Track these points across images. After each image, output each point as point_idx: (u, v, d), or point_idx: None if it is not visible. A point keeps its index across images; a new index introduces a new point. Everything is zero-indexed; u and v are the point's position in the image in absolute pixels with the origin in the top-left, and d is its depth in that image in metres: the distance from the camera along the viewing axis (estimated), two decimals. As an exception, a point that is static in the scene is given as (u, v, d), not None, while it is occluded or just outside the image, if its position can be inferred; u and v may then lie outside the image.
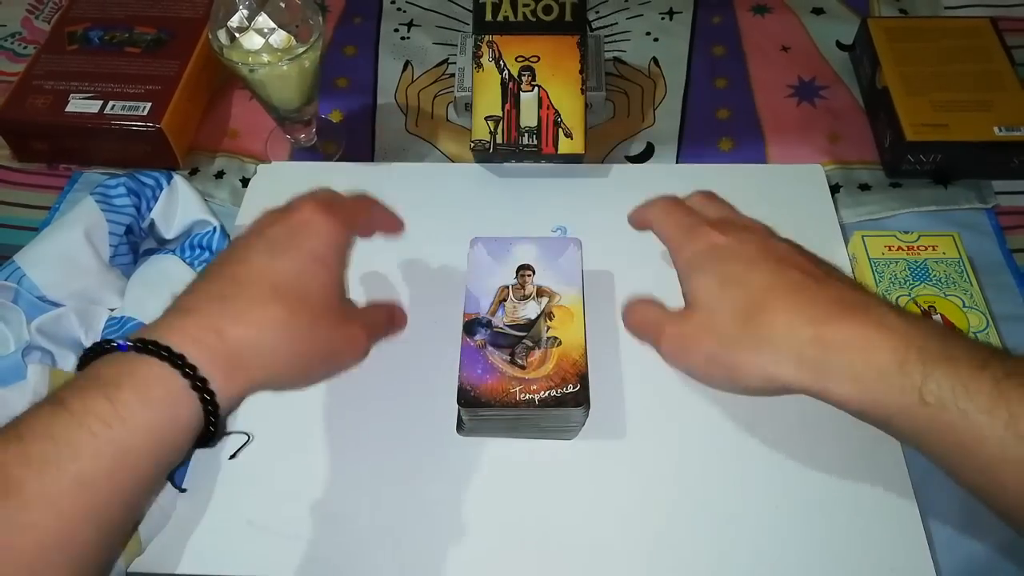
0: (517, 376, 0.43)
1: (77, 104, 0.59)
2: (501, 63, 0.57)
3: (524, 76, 0.57)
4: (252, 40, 0.50)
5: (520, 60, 0.57)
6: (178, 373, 0.31)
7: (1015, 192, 0.58)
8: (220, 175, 0.61)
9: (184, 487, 0.43)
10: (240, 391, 0.34)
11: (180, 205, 0.51)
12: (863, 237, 0.50)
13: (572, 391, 0.42)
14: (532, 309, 0.45)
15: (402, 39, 0.70)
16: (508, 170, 0.58)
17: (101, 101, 0.59)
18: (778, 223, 0.54)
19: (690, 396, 0.45)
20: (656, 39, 0.69)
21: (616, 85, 0.66)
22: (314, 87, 0.54)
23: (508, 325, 0.45)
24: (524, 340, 0.44)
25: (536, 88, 0.56)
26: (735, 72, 0.66)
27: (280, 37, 0.50)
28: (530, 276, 0.47)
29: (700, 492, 0.42)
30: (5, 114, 0.59)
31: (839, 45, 0.68)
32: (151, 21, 0.64)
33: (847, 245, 0.52)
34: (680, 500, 0.42)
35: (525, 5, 0.59)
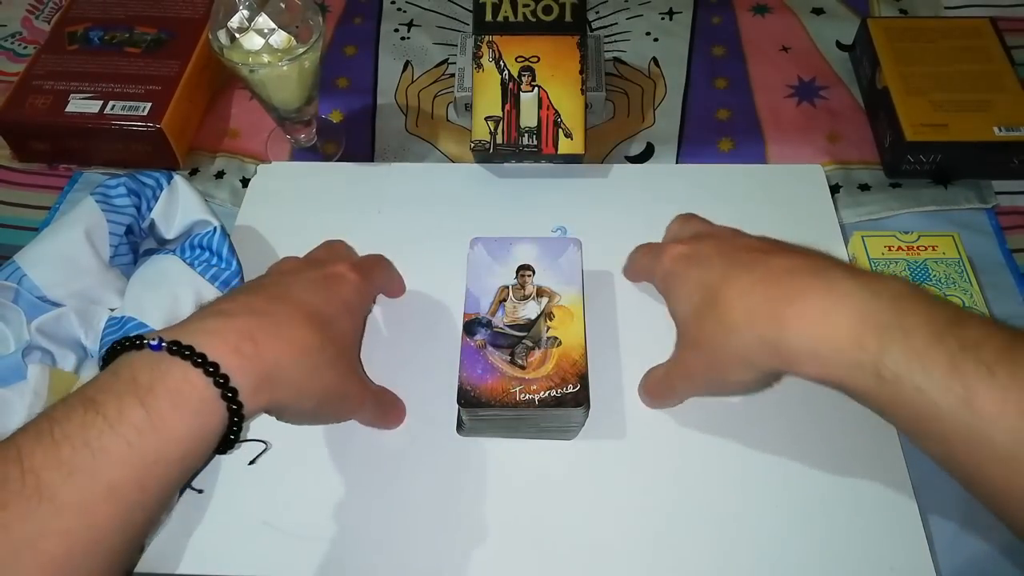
0: (517, 376, 0.43)
1: (77, 104, 0.59)
2: (501, 63, 0.57)
3: (524, 76, 0.57)
4: (252, 41, 0.50)
5: (520, 60, 0.57)
6: (210, 381, 0.31)
7: (1015, 192, 0.58)
8: (220, 175, 0.61)
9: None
10: (261, 407, 0.34)
11: (180, 205, 0.51)
12: (863, 237, 0.50)
13: (572, 391, 0.42)
14: (532, 309, 0.45)
15: (402, 39, 0.70)
16: (508, 170, 0.58)
17: (101, 101, 0.59)
18: (778, 223, 0.54)
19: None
20: (656, 39, 0.69)
21: (616, 85, 0.66)
22: (314, 87, 0.54)
23: (508, 325, 0.45)
24: (524, 340, 0.44)
25: (536, 88, 0.56)
26: (735, 72, 0.66)
27: (280, 38, 0.50)
28: (530, 276, 0.47)
29: (700, 492, 0.42)
30: (5, 114, 0.60)
31: (839, 45, 0.68)
32: (151, 21, 0.64)
33: (847, 245, 0.52)
34: (680, 500, 0.42)
35: (525, 5, 0.59)
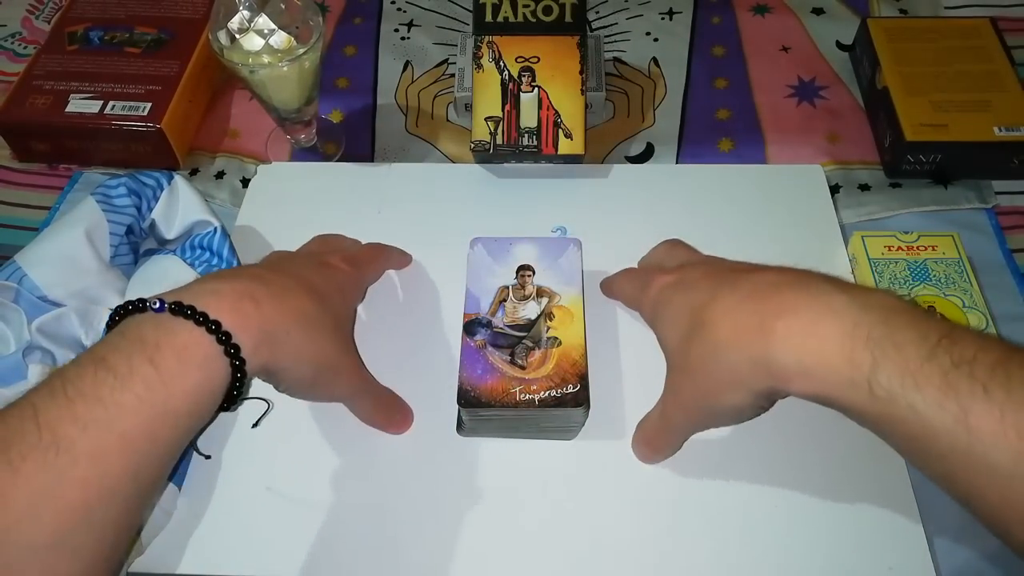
0: (517, 376, 0.43)
1: (77, 104, 0.59)
2: (501, 64, 0.57)
3: (524, 77, 0.57)
4: (252, 41, 0.50)
5: (520, 61, 0.57)
6: (213, 339, 0.33)
7: (1015, 192, 0.58)
8: (220, 175, 0.61)
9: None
10: (262, 364, 0.35)
11: (181, 205, 0.51)
12: (863, 237, 0.50)
13: (572, 391, 0.42)
14: (532, 309, 0.45)
15: (402, 39, 0.70)
16: (508, 170, 0.58)
17: (101, 101, 0.59)
18: (778, 223, 0.54)
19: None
20: (656, 39, 0.69)
21: (616, 85, 0.66)
22: (314, 88, 0.54)
23: (508, 325, 0.45)
24: (524, 340, 0.44)
25: (536, 89, 0.56)
26: (735, 72, 0.66)
27: (280, 38, 0.50)
28: (530, 276, 0.47)
29: (700, 492, 0.42)
30: (5, 114, 0.60)
31: (839, 45, 0.68)
32: (151, 21, 0.64)
33: (847, 245, 0.52)
34: (680, 500, 0.42)
35: (525, 6, 0.59)
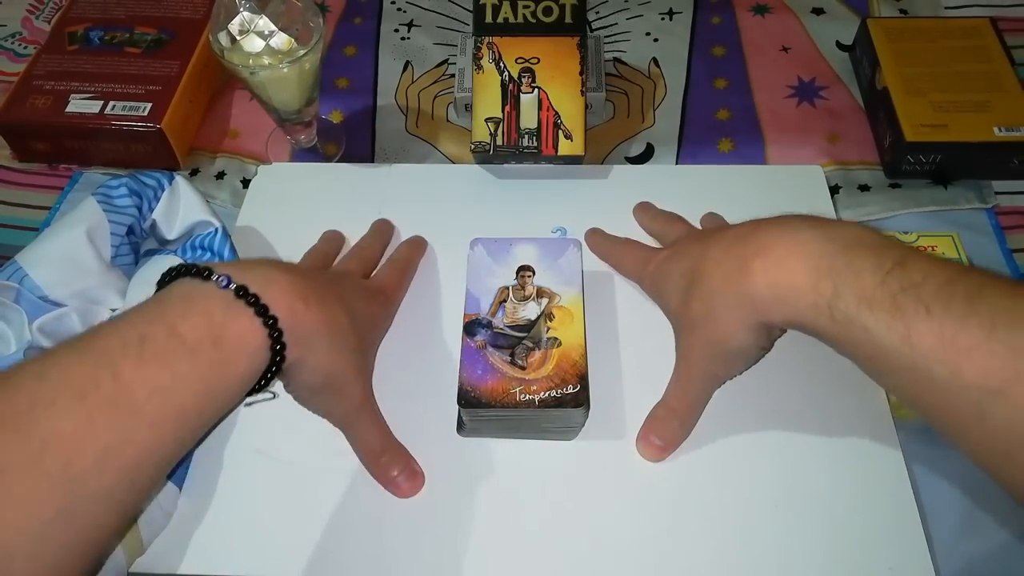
0: (517, 377, 0.43)
1: (77, 104, 0.59)
2: (501, 64, 0.57)
3: (524, 77, 0.57)
4: (253, 43, 0.50)
5: (520, 61, 0.57)
6: (266, 332, 0.34)
7: (1015, 192, 0.58)
8: (221, 176, 0.61)
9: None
10: (290, 362, 0.36)
11: (182, 206, 0.51)
12: (863, 238, 0.50)
13: (572, 392, 0.42)
14: (532, 310, 0.45)
15: (402, 39, 0.70)
16: (508, 171, 0.58)
17: (101, 101, 0.59)
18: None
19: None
20: (656, 39, 0.69)
21: (616, 86, 0.66)
22: (314, 88, 0.54)
23: (508, 326, 0.45)
24: (524, 341, 0.44)
25: (536, 90, 0.56)
26: (735, 72, 0.66)
27: (281, 39, 0.50)
28: (530, 277, 0.47)
29: (700, 492, 0.42)
30: (5, 114, 0.60)
31: (839, 45, 0.68)
32: (152, 21, 0.64)
33: (847, 246, 0.52)
34: (680, 500, 0.42)
35: (525, 6, 0.59)
